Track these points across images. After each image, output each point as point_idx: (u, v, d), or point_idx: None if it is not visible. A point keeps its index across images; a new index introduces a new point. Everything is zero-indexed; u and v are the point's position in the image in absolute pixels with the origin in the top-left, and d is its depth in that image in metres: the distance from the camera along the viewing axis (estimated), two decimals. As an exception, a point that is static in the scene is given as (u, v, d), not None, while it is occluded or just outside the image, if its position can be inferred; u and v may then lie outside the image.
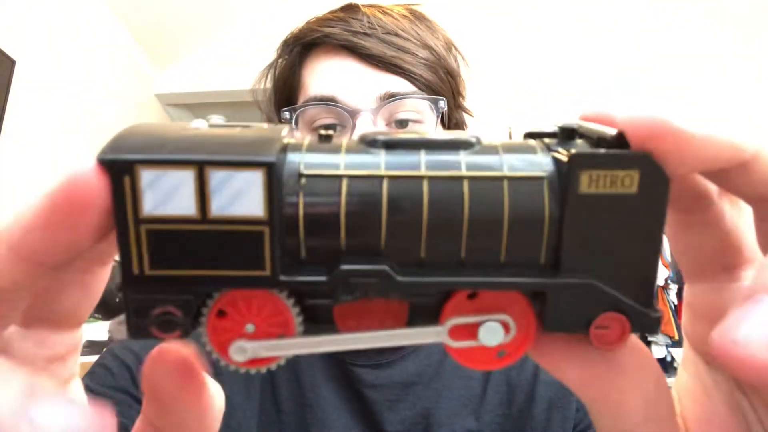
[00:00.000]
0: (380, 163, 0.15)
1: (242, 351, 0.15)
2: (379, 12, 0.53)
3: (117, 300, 2.25)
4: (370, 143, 0.16)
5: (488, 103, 2.47)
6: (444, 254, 0.15)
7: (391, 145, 0.16)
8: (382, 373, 0.51)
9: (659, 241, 0.15)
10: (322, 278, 0.15)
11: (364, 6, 0.54)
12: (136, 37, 2.49)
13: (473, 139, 0.16)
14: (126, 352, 0.48)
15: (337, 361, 0.51)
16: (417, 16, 0.56)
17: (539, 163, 0.15)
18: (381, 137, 0.16)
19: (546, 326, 0.16)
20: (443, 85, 0.53)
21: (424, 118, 0.51)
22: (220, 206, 0.14)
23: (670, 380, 0.20)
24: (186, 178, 0.14)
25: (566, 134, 0.16)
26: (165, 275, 0.15)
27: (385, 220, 0.15)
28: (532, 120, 2.53)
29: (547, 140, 0.17)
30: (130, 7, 2.32)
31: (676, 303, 1.94)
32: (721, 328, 0.13)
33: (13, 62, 1.76)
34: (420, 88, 0.50)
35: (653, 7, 2.60)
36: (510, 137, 0.18)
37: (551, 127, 0.17)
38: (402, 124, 0.50)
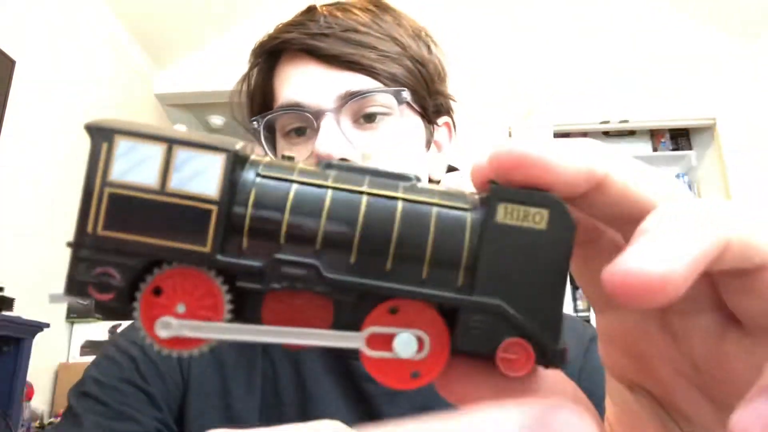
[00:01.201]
0: (329, 177, 0.17)
1: (167, 326, 0.16)
2: (338, 10, 0.54)
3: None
4: (325, 166, 0.18)
5: (484, 103, 2.48)
6: (372, 264, 0.17)
7: (342, 168, 0.18)
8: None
9: (564, 277, 0.17)
10: (257, 263, 0.16)
11: (322, 6, 0.55)
12: (136, 37, 2.49)
13: (413, 176, 0.18)
14: (130, 345, 0.49)
15: (337, 354, 0.52)
16: (381, 8, 0.55)
17: (466, 200, 0.17)
18: (335, 162, 0.18)
19: (457, 345, 0.17)
20: (410, 74, 0.53)
21: (391, 110, 0.51)
22: (179, 181, 0.16)
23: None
24: (155, 152, 0.16)
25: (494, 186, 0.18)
26: (115, 237, 0.16)
27: (323, 225, 0.16)
28: (528, 120, 2.54)
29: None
30: (130, 7, 2.33)
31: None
32: (608, 266, 0.14)
33: (13, 62, 1.77)
34: (383, 82, 0.51)
35: (649, 7, 2.60)
36: (510, 136, 0.19)
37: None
38: (370, 118, 0.51)
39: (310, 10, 0.55)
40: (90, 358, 2.08)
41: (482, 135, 2.39)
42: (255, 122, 0.54)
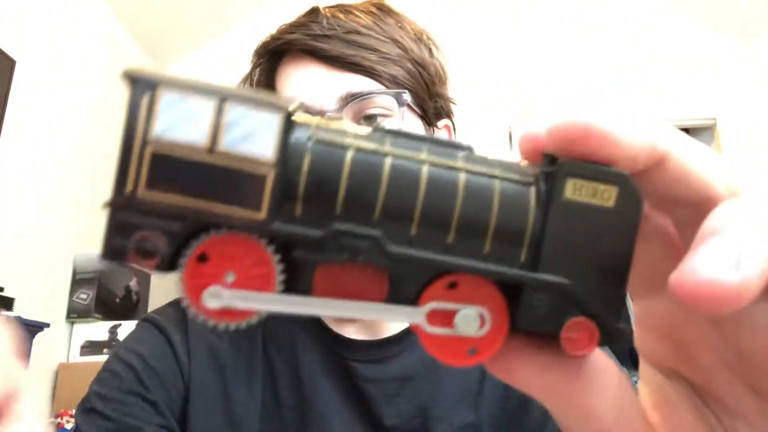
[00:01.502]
0: (386, 142, 0.16)
1: (217, 297, 0.15)
2: (341, 12, 0.54)
3: (117, 300, 2.26)
4: (378, 130, 0.17)
5: (483, 103, 2.48)
6: (433, 237, 0.16)
7: (398, 134, 0.16)
8: (380, 368, 0.51)
9: (630, 257, 0.16)
10: (316, 232, 0.15)
11: (325, 8, 0.55)
12: (136, 37, 2.49)
13: (466, 145, 0.17)
14: (130, 354, 0.49)
15: (336, 355, 0.52)
16: (383, 11, 0.56)
17: (529, 173, 0.16)
18: (389, 128, 0.17)
19: (520, 323, 0.16)
20: (411, 77, 0.53)
21: (392, 112, 0.52)
22: (231, 141, 0.14)
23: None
24: (205, 107, 0.14)
25: (549, 159, 0.17)
26: (158, 200, 0.14)
27: (383, 194, 0.15)
28: (528, 120, 2.54)
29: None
30: (130, 7, 2.33)
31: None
32: (677, 270, 0.13)
33: (13, 62, 1.76)
34: (384, 84, 0.51)
35: (649, 7, 2.60)
36: (510, 137, 0.19)
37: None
38: (370, 119, 0.51)
39: (313, 11, 0.55)
40: (90, 358, 2.06)
41: (482, 135, 2.39)
42: None
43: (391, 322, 0.16)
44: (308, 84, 0.51)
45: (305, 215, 0.15)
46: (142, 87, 0.14)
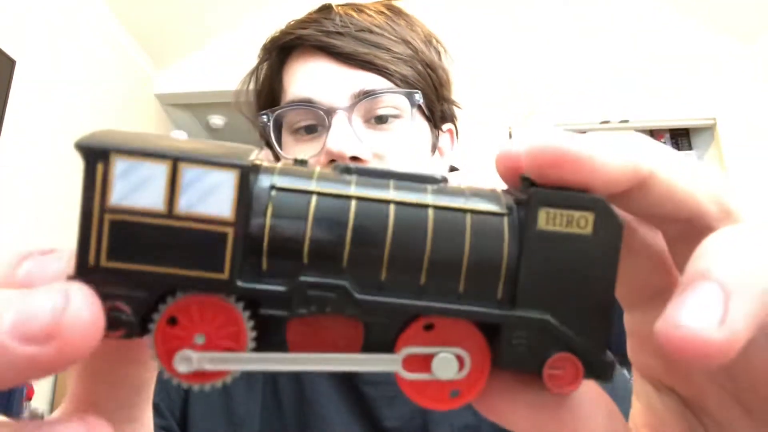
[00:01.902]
0: (350, 184, 0.15)
1: (187, 361, 0.15)
2: (353, 10, 0.54)
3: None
4: (343, 170, 0.16)
5: (484, 103, 2.47)
6: (404, 280, 0.15)
7: (363, 172, 0.16)
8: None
9: (613, 284, 0.15)
10: (281, 288, 0.15)
11: (338, 6, 0.55)
12: (136, 37, 2.49)
13: (440, 177, 0.17)
14: None
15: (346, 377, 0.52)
16: (395, 12, 0.56)
17: (501, 203, 0.16)
18: (354, 166, 0.16)
19: (499, 362, 0.16)
20: (421, 78, 0.53)
21: (402, 113, 0.51)
22: (188, 203, 0.14)
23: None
24: (159, 171, 0.14)
25: (527, 183, 0.16)
26: (121, 268, 0.14)
27: (350, 239, 0.15)
28: (529, 120, 2.54)
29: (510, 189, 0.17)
30: (130, 7, 2.33)
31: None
32: (662, 318, 0.13)
33: (13, 62, 1.76)
34: (396, 84, 0.51)
35: (649, 7, 2.60)
36: (510, 137, 0.19)
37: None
38: (381, 119, 0.51)
39: (326, 8, 0.55)
40: (90, 358, 2.06)
41: (483, 135, 2.39)
42: (264, 116, 0.54)
43: (368, 371, 0.16)
44: (319, 80, 0.51)
45: (271, 268, 0.15)
46: (94, 156, 0.14)
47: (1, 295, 0.13)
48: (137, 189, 0.14)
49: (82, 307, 0.13)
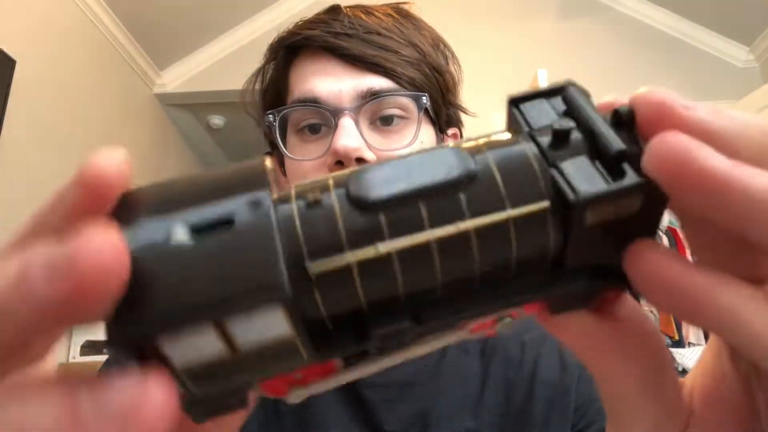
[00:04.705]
0: (383, 232, 0.14)
1: (300, 396, 0.17)
2: (362, 12, 0.54)
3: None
4: (363, 206, 0.14)
5: (484, 103, 2.47)
6: (458, 291, 0.16)
7: (390, 205, 0.14)
8: (380, 373, 0.51)
9: (657, 221, 0.16)
10: (357, 346, 0.15)
11: (347, 7, 0.55)
12: (136, 37, 2.49)
13: (467, 170, 0.15)
14: None
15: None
16: (402, 14, 0.56)
17: (540, 188, 0.15)
18: (372, 198, 0.14)
19: (552, 310, 0.17)
20: (428, 81, 0.53)
21: (409, 114, 0.51)
22: (246, 341, 0.13)
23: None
24: (208, 337, 0.13)
25: (560, 137, 0.15)
26: (216, 391, 0.15)
27: (402, 289, 0.15)
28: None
29: (542, 139, 0.16)
30: (130, 7, 2.33)
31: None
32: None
33: (13, 62, 1.76)
34: (403, 86, 0.51)
35: (649, 7, 2.60)
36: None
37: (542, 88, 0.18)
38: (387, 120, 0.51)
39: (334, 9, 0.55)
40: (90, 358, 2.06)
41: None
42: (270, 116, 0.53)
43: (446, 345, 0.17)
44: (327, 80, 0.51)
45: (341, 331, 0.15)
46: (137, 351, 0.13)
47: None
48: (194, 350, 0.13)
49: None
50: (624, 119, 0.15)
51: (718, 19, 2.51)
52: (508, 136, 0.16)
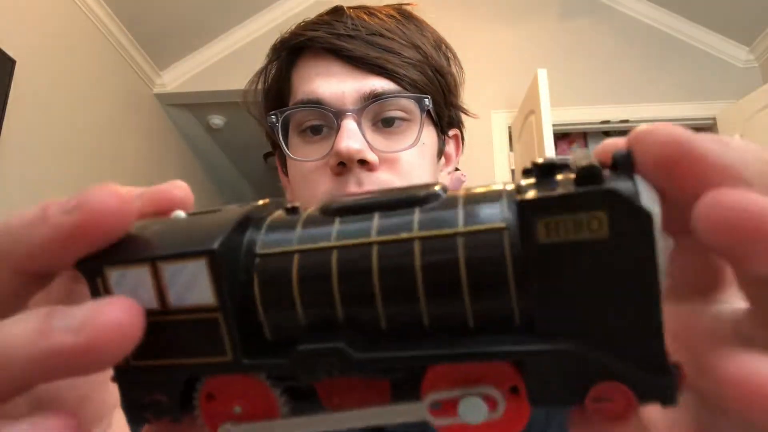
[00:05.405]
0: (332, 233, 0.15)
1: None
2: (365, 14, 0.54)
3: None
4: (326, 212, 0.15)
5: (484, 103, 2.47)
6: (405, 323, 0.14)
7: (344, 212, 0.15)
8: None
9: (656, 287, 0.12)
10: (283, 361, 0.15)
11: (349, 8, 0.55)
12: (136, 37, 2.49)
13: (436, 190, 0.15)
14: None
15: None
16: (405, 16, 0.56)
17: (500, 213, 0.13)
18: (335, 205, 0.15)
19: (532, 400, 0.14)
20: (430, 83, 0.53)
21: (411, 116, 0.51)
22: (177, 297, 0.15)
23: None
24: (144, 274, 0.15)
25: (544, 171, 0.14)
26: (145, 366, 0.15)
27: (338, 290, 0.14)
28: (528, 120, 2.53)
29: (524, 182, 0.14)
30: (130, 7, 2.33)
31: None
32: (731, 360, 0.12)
33: (13, 62, 1.76)
34: (405, 88, 0.51)
35: (650, 8, 2.60)
36: (510, 137, 0.18)
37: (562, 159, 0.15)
38: (388, 122, 0.51)
39: (337, 10, 0.55)
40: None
41: (483, 135, 2.39)
42: (273, 117, 0.53)
43: (398, 422, 0.15)
44: (330, 81, 0.51)
45: (276, 335, 0.15)
46: (91, 272, 0.15)
47: None
48: (134, 292, 0.15)
49: None
50: (621, 163, 0.13)
51: (718, 19, 2.51)
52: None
